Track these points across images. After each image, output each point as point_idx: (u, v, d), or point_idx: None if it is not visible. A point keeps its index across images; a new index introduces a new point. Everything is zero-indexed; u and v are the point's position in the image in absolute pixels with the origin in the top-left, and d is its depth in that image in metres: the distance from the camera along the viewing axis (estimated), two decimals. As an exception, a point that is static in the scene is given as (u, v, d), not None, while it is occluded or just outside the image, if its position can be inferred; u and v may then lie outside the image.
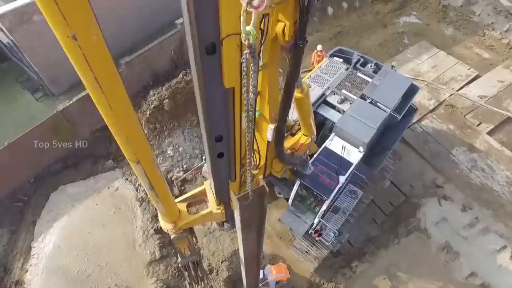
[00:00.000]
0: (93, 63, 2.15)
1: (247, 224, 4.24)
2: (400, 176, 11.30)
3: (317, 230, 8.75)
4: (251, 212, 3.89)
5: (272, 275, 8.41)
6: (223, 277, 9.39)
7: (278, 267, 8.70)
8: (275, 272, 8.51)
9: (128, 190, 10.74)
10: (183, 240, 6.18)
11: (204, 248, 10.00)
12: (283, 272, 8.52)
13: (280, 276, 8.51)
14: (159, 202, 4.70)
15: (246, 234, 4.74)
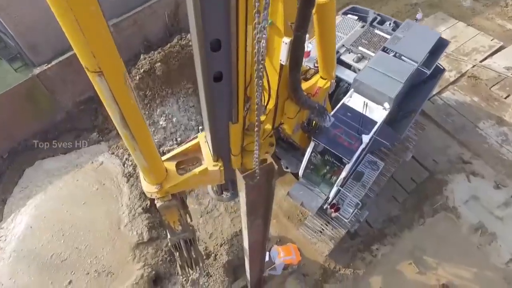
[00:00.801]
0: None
1: (253, 208, 3.72)
2: (422, 150, 9.91)
3: (333, 204, 7.32)
4: (258, 194, 3.42)
5: (280, 257, 6.98)
6: (222, 262, 7.95)
7: (286, 248, 7.27)
8: (284, 254, 7.08)
9: (113, 165, 9.32)
10: (172, 211, 5.03)
11: (201, 230, 8.56)
12: (292, 254, 7.09)
13: (289, 258, 7.08)
14: (137, 150, 3.30)
15: (251, 221, 4.16)
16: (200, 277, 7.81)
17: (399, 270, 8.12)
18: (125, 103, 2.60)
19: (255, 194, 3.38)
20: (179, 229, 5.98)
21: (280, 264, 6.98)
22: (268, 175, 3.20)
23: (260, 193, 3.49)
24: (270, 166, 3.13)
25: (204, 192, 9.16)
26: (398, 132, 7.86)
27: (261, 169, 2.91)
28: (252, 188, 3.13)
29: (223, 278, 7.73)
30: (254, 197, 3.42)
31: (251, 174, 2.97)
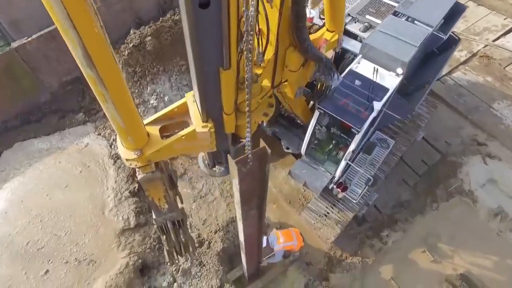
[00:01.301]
0: None
1: (247, 197, 3.59)
2: (433, 132, 9.13)
3: (340, 183, 6.53)
4: (251, 181, 3.31)
5: (280, 243, 6.18)
6: (216, 250, 7.15)
7: (287, 232, 6.47)
8: (284, 239, 6.28)
9: (100, 146, 8.52)
10: (156, 185, 4.43)
11: (193, 216, 7.77)
12: (294, 239, 6.29)
13: (290, 244, 6.28)
14: (109, 102, 2.70)
15: (246, 212, 3.98)
16: (192, 266, 7.01)
17: (412, 259, 7.31)
18: (87, 30, 2.01)
19: (248, 182, 3.21)
20: (165, 208, 5.23)
21: (280, 251, 6.19)
22: (261, 160, 3.05)
23: (253, 180, 3.31)
24: (263, 150, 2.96)
25: (198, 176, 8.38)
26: (409, 110, 7.08)
27: (253, 154, 2.76)
28: (245, 175, 2.98)
29: (217, 268, 6.93)
30: (247, 185, 3.25)
31: (244, 159, 2.82)
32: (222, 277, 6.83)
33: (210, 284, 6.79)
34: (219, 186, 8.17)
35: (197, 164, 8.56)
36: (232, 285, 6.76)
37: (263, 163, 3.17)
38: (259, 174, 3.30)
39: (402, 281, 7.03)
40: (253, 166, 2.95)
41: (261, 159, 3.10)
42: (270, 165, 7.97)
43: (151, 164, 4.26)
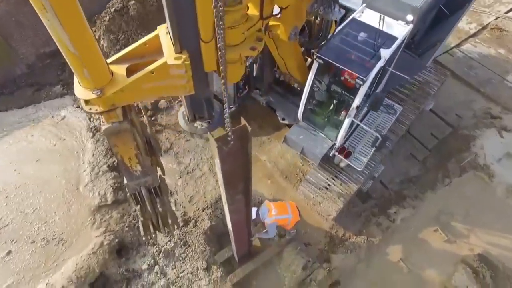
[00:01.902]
0: None
1: (231, 180, 3.39)
2: (442, 105, 8.31)
3: (343, 148, 5.70)
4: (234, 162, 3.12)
5: (271, 215, 5.32)
6: (203, 229, 6.32)
7: (281, 204, 5.61)
8: (276, 211, 5.40)
9: (78, 119, 7.70)
10: (125, 140, 3.67)
11: (179, 193, 6.93)
12: (288, 212, 5.43)
13: (284, 217, 5.40)
14: (49, 12, 1.93)
15: (231, 196, 3.82)
16: (176, 247, 6.17)
17: (423, 238, 6.48)
18: None
19: (230, 162, 3.07)
20: (138, 171, 4.36)
21: (272, 224, 5.33)
22: (243, 139, 2.89)
23: (236, 161, 3.13)
24: (244, 128, 2.81)
25: (185, 150, 7.55)
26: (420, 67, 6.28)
27: (234, 132, 2.64)
28: (226, 155, 2.86)
29: (204, 248, 6.09)
30: (230, 166, 3.11)
31: (224, 137, 2.69)
32: (209, 259, 5.99)
33: (195, 266, 5.95)
34: (208, 161, 7.34)
35: (184, 138, 7.76)
36: (220, 267, 5.92)
37: (244, 142, 2.96)
38: (242, 154, 3.10)
39: (413, 263, 6.19)
40: (235, 145, 2.75)
41: (242, 138, 2.89)
42: (265, 138, 7.08)
43: (116, 111, 3.46)
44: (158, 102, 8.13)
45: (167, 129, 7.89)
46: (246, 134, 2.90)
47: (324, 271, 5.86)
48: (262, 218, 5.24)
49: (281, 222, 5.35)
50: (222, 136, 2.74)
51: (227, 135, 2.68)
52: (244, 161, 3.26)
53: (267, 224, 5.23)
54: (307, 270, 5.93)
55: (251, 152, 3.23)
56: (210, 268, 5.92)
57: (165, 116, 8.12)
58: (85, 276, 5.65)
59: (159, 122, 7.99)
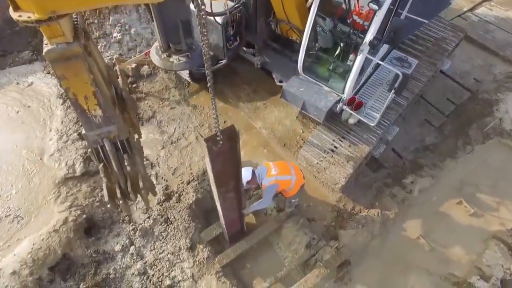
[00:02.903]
0: None
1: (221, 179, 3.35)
2: (458, 70, 7.35)
3: (353, 98, 4.67)
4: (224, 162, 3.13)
5: (271, 175, 4.26)
6: (187, 203, 5.29)
7: (282, 163, 4.53)
8: (277, 170, 4.31)
9: (47, 85, 6.66)
10: (77, 70, 2.87)
11: (161, 165, 5.90)
12: (291, 173, 4.36)
13: (286, 178, 4.28)
14: None
15: (223, 195, 3.69)
16: (155, 224, 5.13)
17: (445, 212, 5.46)
18: None
19: (221, 162, 3.08)
20: (99, 117, 3.35)
21: (271, 187, 4.22)
22: (231, 140, 2.92)
23: (226, 160, 3.12)
24: (232, 129, 2.84)
25: (169, 119, 6.52)
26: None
27: (222, 132, 2.66)
28: (216, 154, 2.90)
29: (188, 224, 5.05)
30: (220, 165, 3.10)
31: (213, 137, 2.71)
32: (194, 237, 4.95)
33: (177, 245, 4.92)
34: (195, 130, 6.32)
35: (169, 105, 6.74)
36: (207, 247, 4.88)
37: (233, 143, 2.99)
38: (231, 153, 3.12)
39: (435, 239, 5.17)
40: (224, 145, 2.84)
41: (231, 138, 2.93)
42: (260, 103, 6.05)
43: (62, 27, 2.60)
44: (140, 68, 7.11)
45: (149, 96, 6.87)
46: (234, 135, 2.89)
47: (331, 250, 4.83)
48: (260, 180, 4.19)
49: (283, 184, 4.27)
50: (211, 136, 2.73)
51: (216, 136, 2.66)
52: (234, 160, 3.24)
53: (265, 187, 4.18)
54: (311, 249, 4.91)
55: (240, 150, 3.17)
56: (195, 248, 4.88)
57: (147, 83, 7.09)
58: (43, 258, 4.59)
59: (141, 89, 6.96)
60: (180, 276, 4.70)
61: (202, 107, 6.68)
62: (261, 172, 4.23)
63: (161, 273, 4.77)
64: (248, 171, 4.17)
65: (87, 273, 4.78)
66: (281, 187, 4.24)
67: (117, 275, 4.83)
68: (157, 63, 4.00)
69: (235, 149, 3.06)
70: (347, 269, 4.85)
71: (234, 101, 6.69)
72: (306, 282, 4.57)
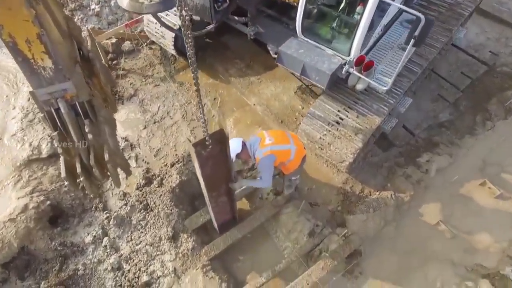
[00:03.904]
0: None
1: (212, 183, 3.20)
2: (473, 43, 6.63)
3: (362, 57, 3.90)
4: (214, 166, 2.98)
5: (265, 145, 3.42)
6: (170, 186, 4.51)
7: (277, 132, 3.71)
8: (272, 139, 3.45)
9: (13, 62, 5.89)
10: (12, 2, 2.14)
11: (142, 146, 5.12)
12: (290, 142, 3.54)
13: (283, 148, 3.47)
14: None
15: (215, 199, 3.50)
16: (133, 212, 4.35)
17: (467, 194, 4.70)
18: None
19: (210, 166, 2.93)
20: (49, 70, 2.79)
21: (266, 159, 3.35)
22: (221, 143, 2.78)
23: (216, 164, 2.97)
24: (221, 132, 2.71)
25: (153, 97, 5.74)
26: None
27: (211, 136, 2.55)
28: (205, 159, 2.78)
29: (170, 210, 4.27)
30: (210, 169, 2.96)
31: (201, 142, 2.59)
32: (176, 225, 4.17)
33: (157, 235, 4.14)
34: (182, 108, 5.55)
35: (152, 83, 5.97)
36: (192, 236, 4.10)
37: (223, 146, 2.83)
38: (221, 157, 2.94)
39: (457, 225, 4.41)
40: (213, 149, 2.70)
41: (221, 142, 2.76)
42: (254, 78, 5.30)
43: None
44: (121, 44, 6.34)
45: (131, 74, 6.10)
46: (223, 138, 2.78)
47: (338, 238, 4.06)
48: (252, 151, 3.40)
49: (281, 155, 3.44)
50: (200, 141, 2.63)
51: (205, 140, 2.57)
52: (224, 164, 3.12)
53: (259, 161, 3.39)
54: (315, 237, 4.13)
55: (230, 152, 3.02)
56: (177, 237, 4.10)
57: (129, 60, 6.32)
58: (-5, 252, 3.82)
59: (122, 66, 6.19)
60: (159, 271, 3.91)
61: (189, 84, 5.91)
62: (253, 142, 3.45)
63: (137, 268, 3.98)
64: (237, 142, 3.39)
65: (51, 269, 3.99)
66: (279, 159, 3.44)
67: (87, 271, 4.04)
68: (125, 5, 3.25)
69: (225, 153, 2.91)
70: (358, 261, 4.07)
71: (225, 77, 5.93)
72: (309, 276, 3.79)
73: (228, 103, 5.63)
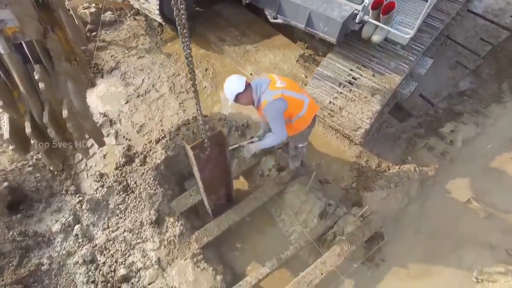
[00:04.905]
0: None
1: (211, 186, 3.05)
2: (490, 7, 5.98)
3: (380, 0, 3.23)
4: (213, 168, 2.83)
5: (276, 87, 2.60)
6: (153, 164, 3.78)
7: (289, 80, 2.85)
8: (284, 83, 2.67)
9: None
10: None
11: (123, 122, 4.39)
12: (302, 92, 2.79)
13: (296, 96, 2.67)
14: None
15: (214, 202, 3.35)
16: (110, 195, 3.61)
17: (499, 168, 4.00)
18: None
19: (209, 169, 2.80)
20: None
21: (277, 105, 2.56)
22: (220, 145, 2.63)
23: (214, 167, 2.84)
24: (220, 135, 2.55)
25: (136, 69, 5.02)
26: None
27: (209, 139, 2.41)
28: (204, 162, 2.65)
29: (153, 190, 3.54)
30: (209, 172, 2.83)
31: (199, 144, 2.45)
32: (161, 207, 3.43)
33: (137, 219, 3.40)
34: (169, 80, 4.82)
35: (136, 54, 5.24)
36: (179, 220, 3.36)
37: (222, 148, 2.69)
38: (220, 159, 2.80)
39: (491, 203, 3.71)
40: (212, 152, 2.59)
41: (220, 144, 2.62)
42: (250, 46, 4.58)
43: None
44: (100, 14, 5.61)
45: (113, 45, 5.37)
46: (222, 140, 2.59)
47: (355, 219, 3.35)
48: (258, 94, 2.62)
49: (293, 104, 2.63)
50: (198, 143, 2.46)
51: (203, 143, 2.43)
52: (223, 167, 2.94)
53: (266, 106, 2.58)
54: (327, 219, 3.42)
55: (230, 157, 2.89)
56: (162, 222, 3.36)
57: (111, 31, 5.59)
58: None
59: (102, 38, 5.46)
60: (140, 262, 3.17)
61: (178, 55, 5.19)
62: (261, 83, 2.64)
63: (114, 260, 3.24)
64: (238, 80, 2.62)
65: (7, 265, 3.23)
66: (290, 110, 2.65)
67: (53, 265, 3.28)
68: None
69: (224, 154, 2.78)
70: (379, 246, 3.36)
71: (217, 47, 5.20)
72: (324, 265, 3.07)
73: (221, 74, 4.90)
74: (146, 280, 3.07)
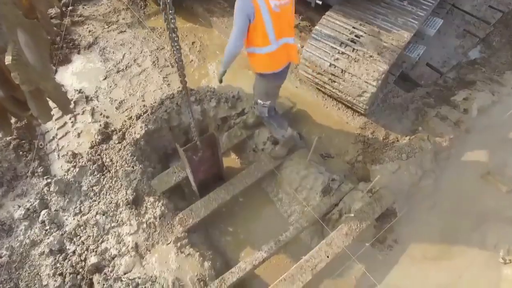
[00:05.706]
0: None
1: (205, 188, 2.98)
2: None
3: None
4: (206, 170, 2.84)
5: None
6: (132, 138, 3.30)
7: None
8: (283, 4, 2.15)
9: None
10: None
11: (101, 98, 3.90)
12: (286, 33, 2.26)
13: (269, 21, 2.09)
14: None
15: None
16: (84, 174, 3.12)
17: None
18: None
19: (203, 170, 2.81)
20: None
21: (240, 2, 2.05)
22: (212, 146, 2.62)
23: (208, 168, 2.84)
24: (212, 136, 2.51)
25: (116, 44, 4.53)
26: None
27: (202, 141, 2.43)
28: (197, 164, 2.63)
29: (131, 167, 3.06)
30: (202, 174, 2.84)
31: (192, 146, 2.46)
32: (140, 185, 2.95)
33: (113, 201, 2.92)
34: (152, 54, 4.34)
35: (116, 29, 4.75)
36: (161, 200, 2.89)
37: (214, 149, 2.67)
38: (213, 161, 2.80)
39: None
40: (205, 154, 2.61)
41: (212, 145, 2.61)
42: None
43: None
44: (78, -12, 5.12)
45: (91, 20, 4.88)
46: (214, 141, 2.56)
47: (363, 195, 2.89)
48: None
49: (259, 23, 2.11)
50: (190, 146, 2.46)
51: (195, 145, 2.44)
52: (217, 168, 2.93)
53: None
54: (331, 195, 2.96)
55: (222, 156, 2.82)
56: (140, 203, 2.88)
57: (89, 6, 5.10)
58: None
59: (80, 13, 4.97)
60: (114, 248, 2.68)
61: (162, 29, 4.71)
62: None
63: (85, 247, 2.75)
64: None
65: (-41, 256, 2.74)
66: (253, 29, 2.14)
67: (14, 257, 2.79)
68: None
69: (216, 156, 2.74)
70: (391, 223, 2.91)
71: (205, 20, 4.74)
72: (329, 246, 2.61)
73: (209, 47, 4.44)
74: (122, 269, 2.59)
